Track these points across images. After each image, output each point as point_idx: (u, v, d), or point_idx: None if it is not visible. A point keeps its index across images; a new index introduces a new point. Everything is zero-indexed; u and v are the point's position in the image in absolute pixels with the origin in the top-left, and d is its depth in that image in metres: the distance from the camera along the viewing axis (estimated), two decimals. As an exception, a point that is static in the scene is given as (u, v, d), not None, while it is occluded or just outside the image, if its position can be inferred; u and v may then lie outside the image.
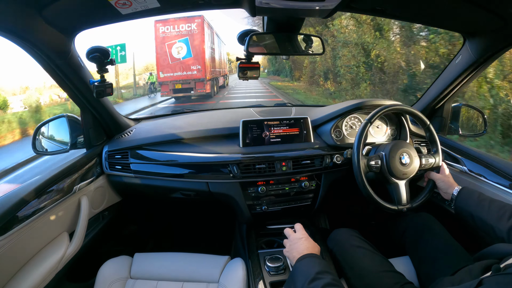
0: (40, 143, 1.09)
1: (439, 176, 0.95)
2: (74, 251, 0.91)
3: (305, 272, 0.66)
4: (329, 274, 0.63)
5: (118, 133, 1.22)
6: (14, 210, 0.73)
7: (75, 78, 0.92)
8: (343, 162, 1.10)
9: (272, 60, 22.79)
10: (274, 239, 1.09)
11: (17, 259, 0.75)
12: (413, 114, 0.99)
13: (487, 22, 0.79)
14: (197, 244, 1.56)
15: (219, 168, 1.05)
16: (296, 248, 0.76)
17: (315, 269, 0.65)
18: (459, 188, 0.88)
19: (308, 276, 0.63)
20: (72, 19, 0.76)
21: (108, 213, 1.18)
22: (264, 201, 1.09)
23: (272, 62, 24.64)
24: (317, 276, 0.62)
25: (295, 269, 0.70)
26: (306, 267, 0.68)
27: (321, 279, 0.62)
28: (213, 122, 1.24)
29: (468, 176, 1.04)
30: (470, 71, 1.02)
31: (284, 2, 0.67)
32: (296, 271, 0.69)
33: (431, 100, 1.21)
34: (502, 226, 0.70)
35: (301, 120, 1.15)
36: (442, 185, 0.93)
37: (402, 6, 0.79)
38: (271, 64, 26.21)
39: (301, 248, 0.75)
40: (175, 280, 0.91)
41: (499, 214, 0.72)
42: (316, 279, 0.62)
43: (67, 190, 0.93)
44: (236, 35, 0.86)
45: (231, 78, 19.95)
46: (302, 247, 0.75)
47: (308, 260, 0.70)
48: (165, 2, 0.69)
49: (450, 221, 1.00)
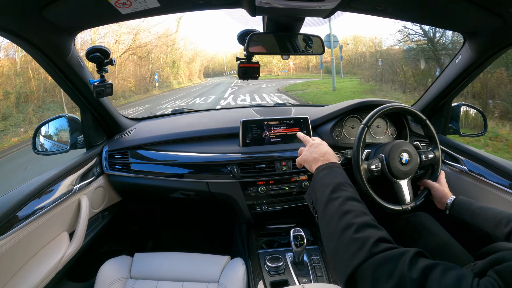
0: (40, 143, 1.10)
1: (435, 185, 0.94)
2: (74, 251, 0.91)
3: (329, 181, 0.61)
4: (351, 187, 0.59)
5: (118, 133, 1.22)
6: (14, 210, 0.73)
7: (75, 78, 0.92)
8: (343, 162, 1.10)
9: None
10: (274, 239, 1.09)
11: (17, 259, 0.75)
12: (409, 112, 0.98)
13: (487, 22, 0.79)
14: (197, 244, 1.56)
15: (219, 168, 1.05)
16: (318, 151, 0.70)
17: (339, 179, 0.61)
18: (453, 198, 0.88)
19: (329, 185, 0.59)
20: (72, 19, 0.76)
21: (108, 213, 1.18)
22: (264, 201, 1.09)
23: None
24: (340, 186, 0.58)
25: (317, 179, 0.64)
26: (330, 176, 0.62)
27: (345, 190, 0.58)
28: (213, 122, 1.24)
29: (468, 176, 1.04)
30: (470, 71, 1.02)
31: (284, 2, 0.67)
32: (320, 181, 0.63)
33: (431, 100, 1.21)
34: (499, 233, 0.70)
35: (301, 120, 1.15)
36: (436, 194, 0.92)
37: (402, 6, 0.79)
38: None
39: (323, 150, 0.70)
40: (175, 280, 0.91)
41: (495, 221, 0.72)
42: (338, 190, 0.58)
43: (67, 190, 0.93)
44: (236, 35, 0.86)
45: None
46: (324, 150, 0.70)
47: (331, 170, 0.64)
48: (165, 2, 0.69)
49: (449, 220, 1.00)
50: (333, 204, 0.55)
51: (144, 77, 18.86)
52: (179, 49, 27.09)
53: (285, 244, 1.07)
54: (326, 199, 0.57)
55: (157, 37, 20.93)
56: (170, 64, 24.68)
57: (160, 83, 21.30)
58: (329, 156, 0.69)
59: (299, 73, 31.17)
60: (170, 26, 23.75)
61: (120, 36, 16.80)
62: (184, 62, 29.26)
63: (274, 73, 34.87)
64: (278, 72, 34.65)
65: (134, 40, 18.16)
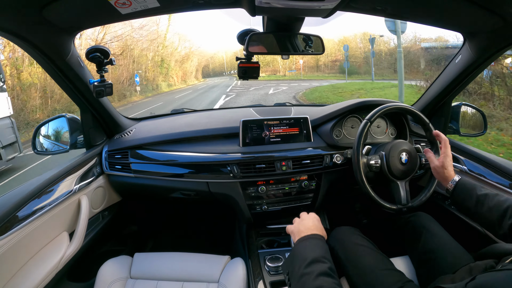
0: (40, 143, 1.10)
1: (435, 166, 0.87)
2: (74, 251, 0.90)
3: (305, 254, 0.63)
4: (328, 262, 0.61)
5: (118, 133, 1.22)
6: (14, 210, 0.73)
7: (75, 78, 0.92)
8: (343, 162, 1.10)
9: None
10: (274, 239, 1.09)
11: (17, 259, 0.75)
12: (413, 113, 0.99)
13: (487, 22, 0.79)
14: (197, 244, 1.56)
15: (219, 168, 1.05)
16: (304, 224, 0.73)
17: (316, 253, 0.63)
18: (455, 181, 0.81)
19: (305, 259, 0.61)
20: (72, 19, 0.76)
21: (108, 213, 1.18)
22: (264, 201, 1.09)
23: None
24: (316, 260, 0.61)
25: (296, 249, 0.67)
26: (308, 249, 0.65)
27: (320, 263, 0.60)
28: (213, 122, 1.24)
29: (468, 176, 1.04)
30: (470, 71, 1.02)
31: (284, 2, 0.67)
32: (297, 251, 0.66)
33: (431, 100, 1.21)
34: (504, 224, 0.67)
35: (301, 120, 1.15)
36: (436, 176, 0.87)
37: (402, 6, 0.79)
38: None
39: (309, 224, 0.73)
40: (175, 280, 0.91)
41: (499, 211, 0.70)
42: (314, 263, 0.60)
43: (67, 190, 0.93)
44: (236, 33, 0.86)
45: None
46: (310, 224, 0.73)
47: (311, 242, 0.67)
48: (165, 2, 0.69)
49: (449, 220, 1.00)
50: (307, 279, 0.58)
51: (119, 80, 14.67)
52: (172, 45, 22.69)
53: (285, 244, 1.07)
54: (301, 273, 0.60)
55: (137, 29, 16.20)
56: (159, 63, 20.59)
57: (144, 87, 17.27)
58: (313, 229, 0.72)
59: (308, 73, 27.13)
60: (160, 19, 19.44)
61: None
62: (177, 61, 24.95)
63: (280, 73, 30.55)
64: (284, 72, 30.17)
65: (104, 34, 14.03)
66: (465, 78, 1.06)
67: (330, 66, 25.97)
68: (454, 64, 1.05)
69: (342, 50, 9.60)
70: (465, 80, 1.07)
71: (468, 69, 1.01)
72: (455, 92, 1.15)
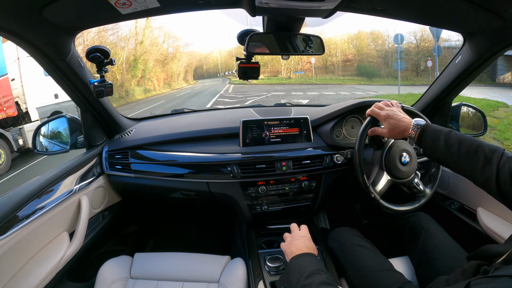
0: (40, 143, 1.10)
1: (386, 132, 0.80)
2: (75, 251, 0.91)
3: (301, 269, 0.66)
4: (325, 273, 0.63)
5: (118, 133, 1.22)
6: (14, 210, 0.73)
7: (75, 78, 0.92)
8: (343, 162, 1.10)
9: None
10: (274, 239, 1.09)
11: (17, 259, 0.75)
12: (414, 114, 0.99)
13: (487, 22, 0.79)
14: (197, 244, 1.56)
15: (219, 168, 1.05)
16: (295, 245, 0.76)
17: (312, 267, 0.65)
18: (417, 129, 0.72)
19: (302, 273, 0.63)
20: (72, 19, 0.76)
21: (108, 213, 1.18)
22: (264, 201, 1.10)
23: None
24: (313, 273, 0.63)
25: (291, 266, 0.70)
26: (303, 264, 0.68)
27: (318, 275, 0.62)
28: (213, 122, 1.24)
29: None
30: (470, 71, 1.02)
31: (284, 2, 0.67)
32: (292, 268, 0.69)
33: (431, 100, 1.21)
34: (478, 176, 0.63)
35: (301, 120, 1.15)
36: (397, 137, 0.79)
37: (402, 6, 0.79)
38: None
39: (300, 245, 0.75)
40: (175, 280, 0.91)
41: (472, 161, 0.64)
42: (312, 275, 0.62)
43: (67, 190, 0.93)
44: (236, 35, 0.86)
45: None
46: (301, 245, 0.75)
47: (305, 258, 0.70)
48: (165, 2, 0.69)
49: (449, 220, 1.00)
50: None
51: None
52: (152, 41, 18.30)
53: None
54: (301, 285, 0.61)
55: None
56: (132, 64, 16.43)
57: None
58: (305, 250, 0.73)
59: (318, 75, 22.31)
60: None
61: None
62: (157, 61, 20.44)
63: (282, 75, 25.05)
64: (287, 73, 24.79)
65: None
66: (465, 78, 1.06)
67: (342, 67, 21.99)
68: (454, 65, 1.05)
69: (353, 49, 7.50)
70: (465, 81, 1.07)
71: (468, 70, 1.01)
72: (455, 93, 1.15)
